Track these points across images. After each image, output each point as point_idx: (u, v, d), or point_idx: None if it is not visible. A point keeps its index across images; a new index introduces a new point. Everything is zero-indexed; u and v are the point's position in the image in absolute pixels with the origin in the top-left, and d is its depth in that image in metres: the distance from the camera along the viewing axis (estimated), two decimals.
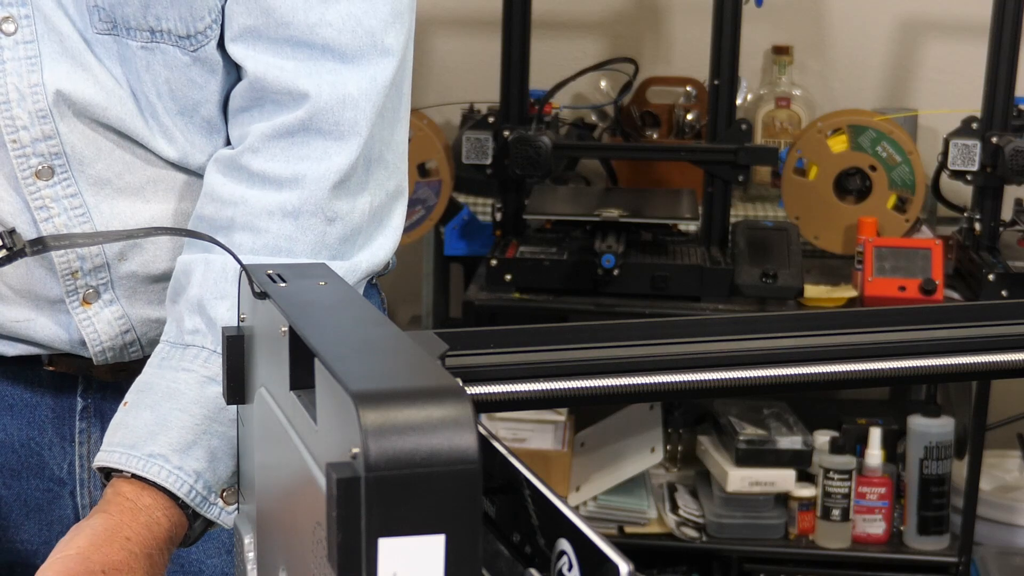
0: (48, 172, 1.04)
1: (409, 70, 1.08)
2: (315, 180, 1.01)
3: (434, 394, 0.57)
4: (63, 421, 1.14)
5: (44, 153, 1.03)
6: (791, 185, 2.52)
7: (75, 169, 1.05)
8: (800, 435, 2.47)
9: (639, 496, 2.55)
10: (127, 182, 1.06)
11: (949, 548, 2.44)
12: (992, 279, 2.30)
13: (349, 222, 1.02)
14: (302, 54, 1.01)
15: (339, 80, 1.01)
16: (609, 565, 0.53)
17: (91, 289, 1.08)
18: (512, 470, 0.62)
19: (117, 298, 1.09)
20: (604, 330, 0.79)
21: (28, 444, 1.15)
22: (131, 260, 1.08)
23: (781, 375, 0.77)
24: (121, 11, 1.01)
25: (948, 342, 0.80)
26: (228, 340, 0.86)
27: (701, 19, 2.56)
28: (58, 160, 1.04)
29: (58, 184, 1.04)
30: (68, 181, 1.05)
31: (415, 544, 0.55)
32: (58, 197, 1.05)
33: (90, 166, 1.05)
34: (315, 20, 1.00)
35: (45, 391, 1.15)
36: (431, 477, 0.55)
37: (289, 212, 1.01)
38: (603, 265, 2.30)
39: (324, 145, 1.01)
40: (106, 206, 1.06)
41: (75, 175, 1.05)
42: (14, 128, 1.02)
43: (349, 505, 0.55)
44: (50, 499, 1.15)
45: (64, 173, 1.04)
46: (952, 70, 2.91)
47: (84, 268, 1.07)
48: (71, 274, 1.07)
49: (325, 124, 1.01)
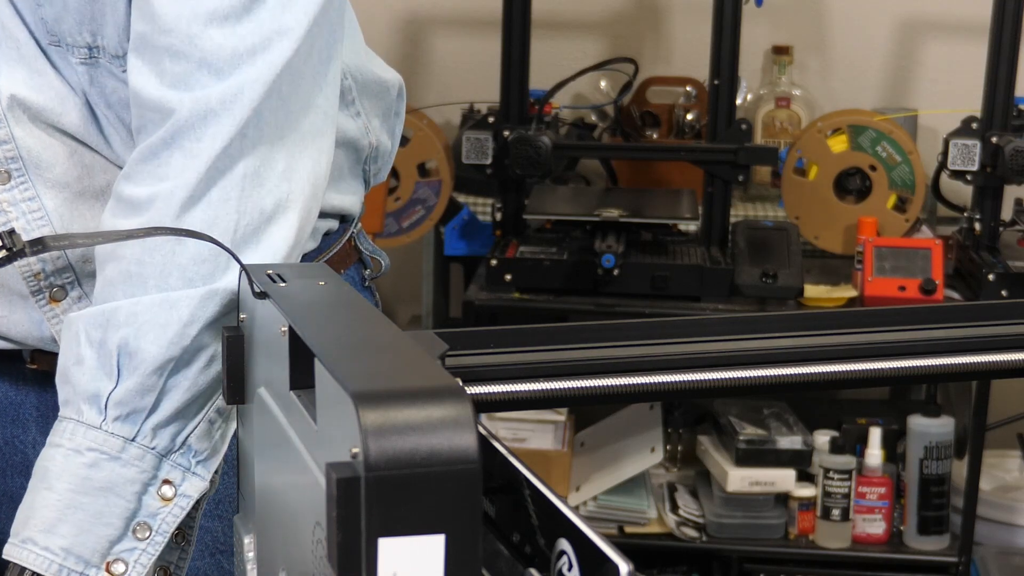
0: (5, 176, 1.04)
1: (323, 56, 1.01)
2: (164, 199, 0.96)
3: (434, 394, 0.57)
4: (47, 420, 1.14)
5: (0, 158, 1.04)
6: (791, 185, 2.52)
7: (32, 173, 1.05)
8: (800, 435, 2.47)
9: (639, 496, 2.55)
10: (86, 186, 1.06)
11: (949, 548, 2.44)
12: (992, 279, 2.30)
13: (201, 243, 0.96)
14: (178, 66, 0.96)
15: (205, 95, 0.96)
16: (609, 565, 0.53)
17: (57, 287, 1.08)
18: (512, 470, 0.62)
19: (86, 295, 1.09)
20: (604, 330, 0.79)
21: (12, 442, 1.16)
22: (93, 260, 1.07)
23: (781, 375, 0.77)
24: (59, 27, 1.01)
25: (948, 342, 0.80)
26: (228, 340, 0.86)
27: (701, 19, 2.56)
28: (14, 164, 1.04)
29: (15, 188, 1.04)
30: (25, 185, 1.05)
31: (415, 544, 0.55)
32: (15, 201, 1.05)
33: (47, 170, 1.05)
34: (197, 31, 0.95)
35: (29, 389, 1.15)
36: (431, 477, 0.55)
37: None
38: (603, 265, 2.30)
39: (183, 163, 0.96)
40: (66, 209, 1.06)
41: (32, 179, 1.05)
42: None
43: (349, 505, 0.55)
44: None
45: (21, 177, 1.04)
46: (952, 70, 2.91)
47: (47, 270, 1.07)
48: (33, 275, 1.07)
49: (187, 141, 0.96)
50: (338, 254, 1.23)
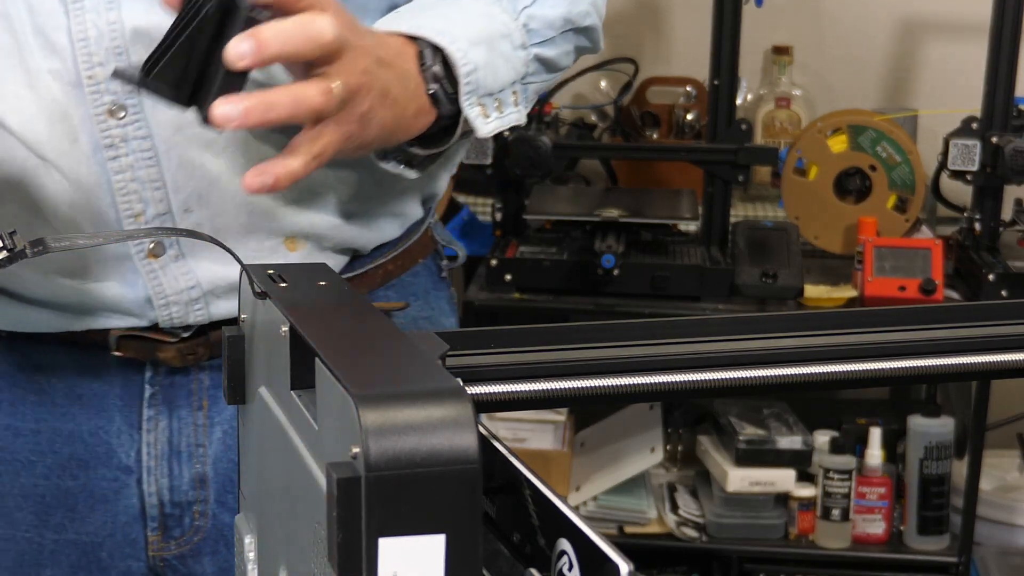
0: (120, 110, 1.03)
1: None
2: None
3: (434, 394, 0.57)
4: (131, 409, 1.14)
5: (118, 91, 1.02)
6: (791, 185, 2.52)
7: (148, 111, 1.04)
8: (800, 435, 2.47)
9: (639, 496, 2.55)
10: (198, 132, 1.05)
11: (949, 548, 2.44)
12: (992, 279, 2.30)
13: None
14: None
15: None
16: (609, 565, 0.53)
17: (155, 241, 1.07)
18: (512, 470, 0.62)
19: (183, 254, 1.08)
20: (604, 330, 0.79)
21: (97, 433, 1.15)
22: (196, 212, 1.07)
23: (781, 375, 0.77)
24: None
25: (948, 342, 0.80)
26: (228, 340, 0.86)
27: (701, 19, 2.56)
28: (131, 100, 1.03)
29: (129, 124, 1.03)
30: (140, 123, 1.04)
31: (415, 544, 0.55)
32: (128, 138, 1.04)
33: (163, 111, 1.03)
34: None
35: (113, 379, 1.14)
36: (431, 477, 0.55)
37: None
38: (603, 265, 2.30)
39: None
40: (175, 153, 1.05)
41: (147, 117, 1.04)
42: (91, 65, 1.02)
43: (349, 505, 0.55)
44: (117, 488, 1.15)
45: (137, 113, 1.03)
46: (952, 70, 2.91)
47: (148, 214, 1.06)
48: (134, 217, 1.06)
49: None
50: (416, 243, 1.23)
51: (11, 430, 1.16)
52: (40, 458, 1.16)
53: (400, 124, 0.99)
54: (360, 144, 0.96)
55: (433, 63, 1.01)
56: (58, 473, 1.15)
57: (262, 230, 1.10)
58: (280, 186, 0.91)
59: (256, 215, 1.09)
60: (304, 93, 0.89)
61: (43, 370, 1.15)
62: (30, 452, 1.16)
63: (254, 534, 0.83)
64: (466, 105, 1.03)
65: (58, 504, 1.16)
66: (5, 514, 1.16)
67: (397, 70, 0.98)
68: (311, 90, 0.89)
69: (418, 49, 1.01)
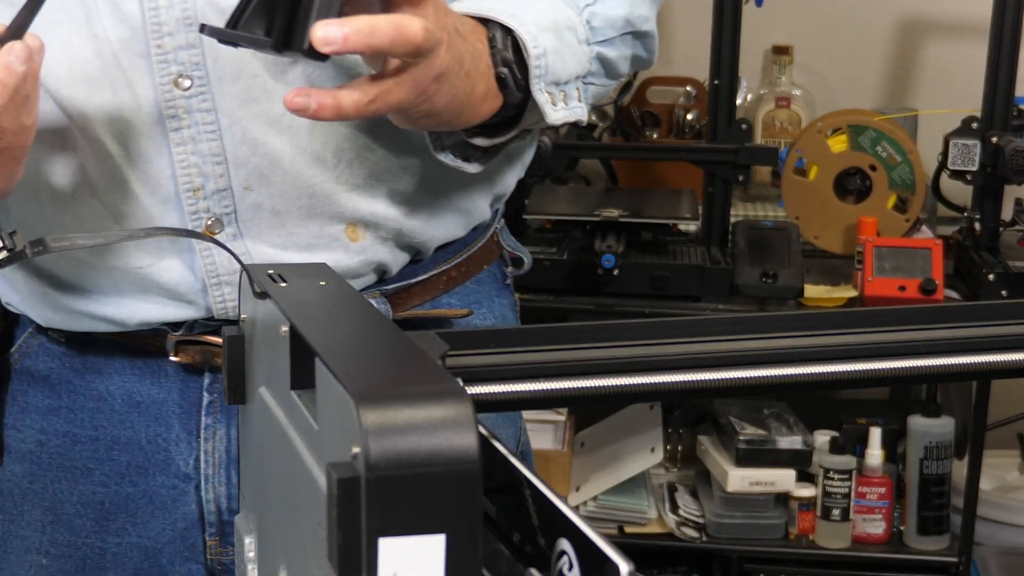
0: (185, 80, 1.02)
1: None
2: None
3: (434, 394, 0.57)
4: (189, 416, 1.13)
5: (185, 62, 1.01)
6: (791, 185, 2.52)
7: (214, 84, 1.02)
8: (800, 435, 2.46)
9: (639, 496, 2.55)
10: (264, 109, 1.04)
11: (949, 548, 2.44)
12: (992, 279, 2.30)
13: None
14: None
15: None
16: (609, 565, 0.53)
17: (213, 218, 1.06)
18: (512, 470, 0.62)
19: (240, 234, 1.07)
20: (604, 330, 0.79)
21: (155, 440, 1.14)
22: (256, 191, 1.05)
23: (781, 375, 0.77)
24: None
25: (948, 342, 0.80)
26: (228, 340, 0.86)
27: (701, 19, 2.56)
28: (198, 71, 1.02)
29: (194, 96, 1.02)
30: (205, 95, 1.02)
31: (415, 544, 0.55)
32: (192, 109, 1.03)
33: (230, 84, 1.02)
34: None
35: (172, 387, 1.13)
36: (431, 477, 0.55)
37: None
38: (603, 265, 2.30)
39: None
40: (239, 128, 1.04)
41: (213, 90, 1.03)
42: (160, 34, 1.01)
43: (349, 505, 0.55)
44: (176, 495, 1.14)
45: (202, 86, 1.02)
46: (952, 70, 2.91)
47: (207, 188, 1.04)
48: (192, 191, 1.04)
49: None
50: (482, 248, 1.21)
51: (69, 437, 1.15)
52: (98, 465, 1.15)
53: (469, 102, 0.97)
54: (428, 110, 0.94)
55: (504, 47, 1.00)
56: (116, 480, 1.15)
57: (323, 214, 1.08)
58: (321, 115, 0.88)
59: (317, 198, 1.07)
60: (408, 24, 0.86)
61: (102, 377, 1.14)
62: (88, 459, 1.15)
63: (254, 534, 0.83)
64: (535, 89, 1.01)
65: (118, 510, 1.15)
66: (65, 521, 1.16)
67: (471, 46, 0.97)
68: (415, 24, 0.87)
69: (488, 32, 1.00)
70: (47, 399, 1.16)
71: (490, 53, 1.00)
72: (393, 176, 1.10)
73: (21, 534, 1.18)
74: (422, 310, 1.16)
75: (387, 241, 1.12)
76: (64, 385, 1.16)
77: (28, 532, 1.17)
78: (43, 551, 1.17)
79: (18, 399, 1.18)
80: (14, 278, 1.15)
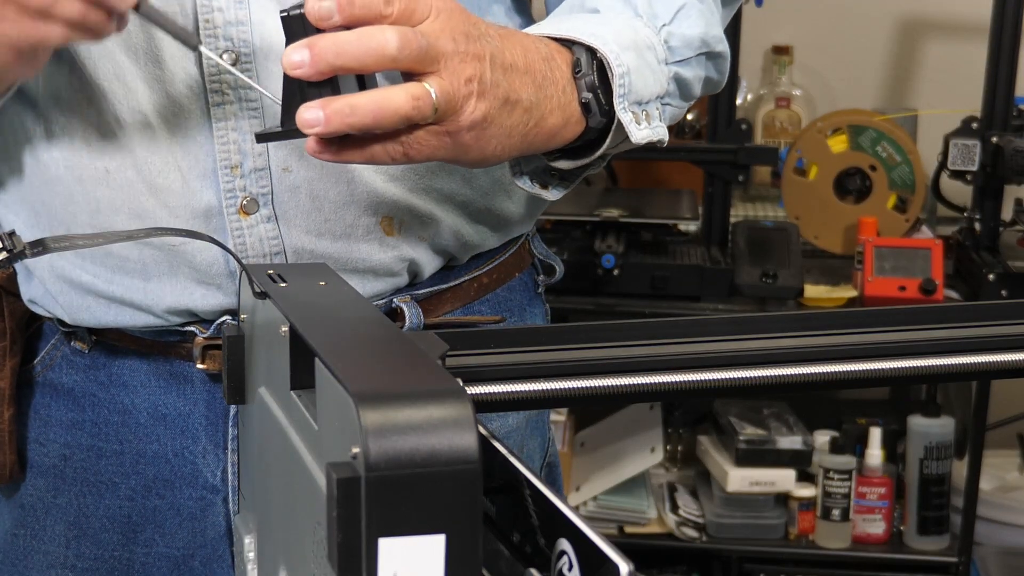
0: (232, 57, 1.01)
1: None
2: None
3: (434, 394, 0.57)
4: (216, 428, 1.11)
5: (233, 37, 1.00)
6: (791, 185, 2.52)
7: (259, 61, 1.01)
8: (800, 435, 2.46)
9: (639, 496, 2.55)
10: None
11: (949, 548, 2.44)
12: (992, 279, 2.30)
13: None
14: None
15: None
16: (609, 565, 0.53)
17: (250, 197, 1.04)
18: (512, 470, 0.62)
19: (275, 216, 1.05)
20: (604, 330, 0.79)
21: (182, 453, 1.12)
22: (295, 172, 1.04)
23: (781, 375, 0.77)
24: None
25: (948, 342, 0.80)
26: (228, 340, 0.86)
27: None
28: (244, 48, 1.01)
29: (240, 73, 1.01)
30: (250, 72, 1.01)
31: (415, 544, 0.55)
32: (236, 85, 1.02)
33: (276, 63, 1.00)
34: None
35: (198, 399, 1.11)
36: (431, 477, 0.55)
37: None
38: (603, 265, 2.30)
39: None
40: (277, 108, 1.01)
41: (258, 67, 1.02)
42: (209, 9, 1.00)
43: (349, 505, 0.55)
44: (203, 507, 1.13)
45: (248, 63, 1.01)
46: (952, 70, 2.91)
47: (245, 167, 1.03)
48: (230, 168, 1.03)
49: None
50: (513, 256, 1.20)
51: (94, 451, 1.14)
52: (124, 479, 1.14)
53: (536, 134, 0.95)
54: (478, 157, 0.93)
55: (589, 70, 0.98)
56: (143, 494, 1.13)
57: (359, 203, 1.06)
58: (333, 159, 0.88)
59: (356, 184, 1.05)
60: (389, 98, 0.85)
61: (127, 390, 1.13)
62: (114, 473, 1.14)
63: (254, 534, 0.83)
64: (619, 109, 0.99)
65: (145, 522, 1.14)
66: (91, 535, 1.15)
67: (534, 75, 0.94)
68: (398, 96, 0.85)
69: (573, 56, 0.98)
70: (71, 412, 1.15)
71: (573, 78, 0.98)
72: (435, 174, 1.09)
73: (43, 549, 1.17)
74: (453, 316, 1.15)
75: (422, 241, 1.10)
76: (88, 398, 1.14)
77: (51, 547, 1.16)
78: (69, 565, 1.15)
79: (41, 412, 1.17)
80: (37, 265, 1.13)
